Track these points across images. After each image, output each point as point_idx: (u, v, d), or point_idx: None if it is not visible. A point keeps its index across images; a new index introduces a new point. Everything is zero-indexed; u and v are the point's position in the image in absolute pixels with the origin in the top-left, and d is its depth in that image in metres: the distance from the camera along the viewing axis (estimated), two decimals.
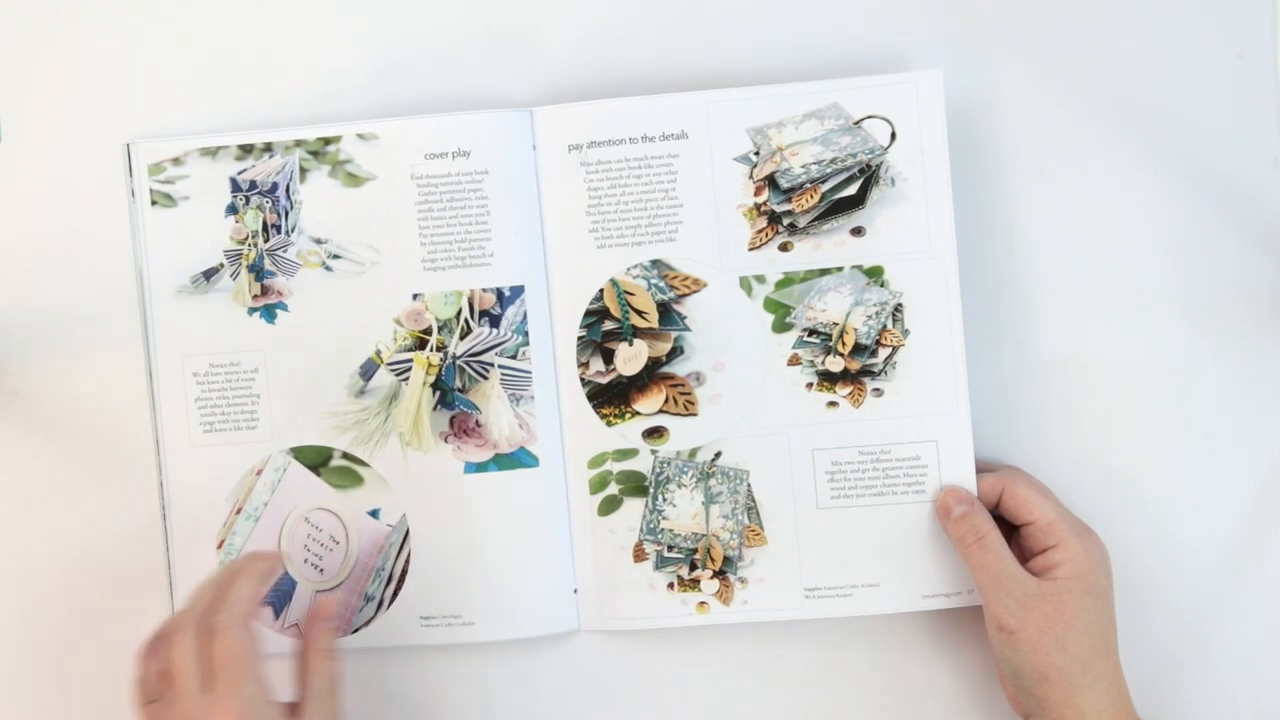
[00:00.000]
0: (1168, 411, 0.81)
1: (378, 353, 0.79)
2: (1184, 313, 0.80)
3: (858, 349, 0.78)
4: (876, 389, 0.78)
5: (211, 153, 0.80)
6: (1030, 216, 0.80)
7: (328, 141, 0.79)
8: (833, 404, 0.78)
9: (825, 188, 0.78)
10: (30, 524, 0.81)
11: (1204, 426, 0.81)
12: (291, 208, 0.79)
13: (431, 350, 0.79)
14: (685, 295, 0.79)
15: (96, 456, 0.81)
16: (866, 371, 0.78)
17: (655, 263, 0.79)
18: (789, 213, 0.78)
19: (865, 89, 0.78)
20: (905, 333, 0.78)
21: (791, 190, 0.78)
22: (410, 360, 0.79)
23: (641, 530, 0.79)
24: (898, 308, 0.78)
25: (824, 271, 0.78)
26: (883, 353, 0.78)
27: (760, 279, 0.78)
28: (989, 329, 0.80)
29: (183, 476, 0.80)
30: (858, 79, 0.78)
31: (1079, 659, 0.73)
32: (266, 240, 0.80)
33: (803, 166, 0.78)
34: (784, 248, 0.78)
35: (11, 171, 0.81)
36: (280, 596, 0.80)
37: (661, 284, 0.79)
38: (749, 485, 0.79)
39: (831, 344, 0.78)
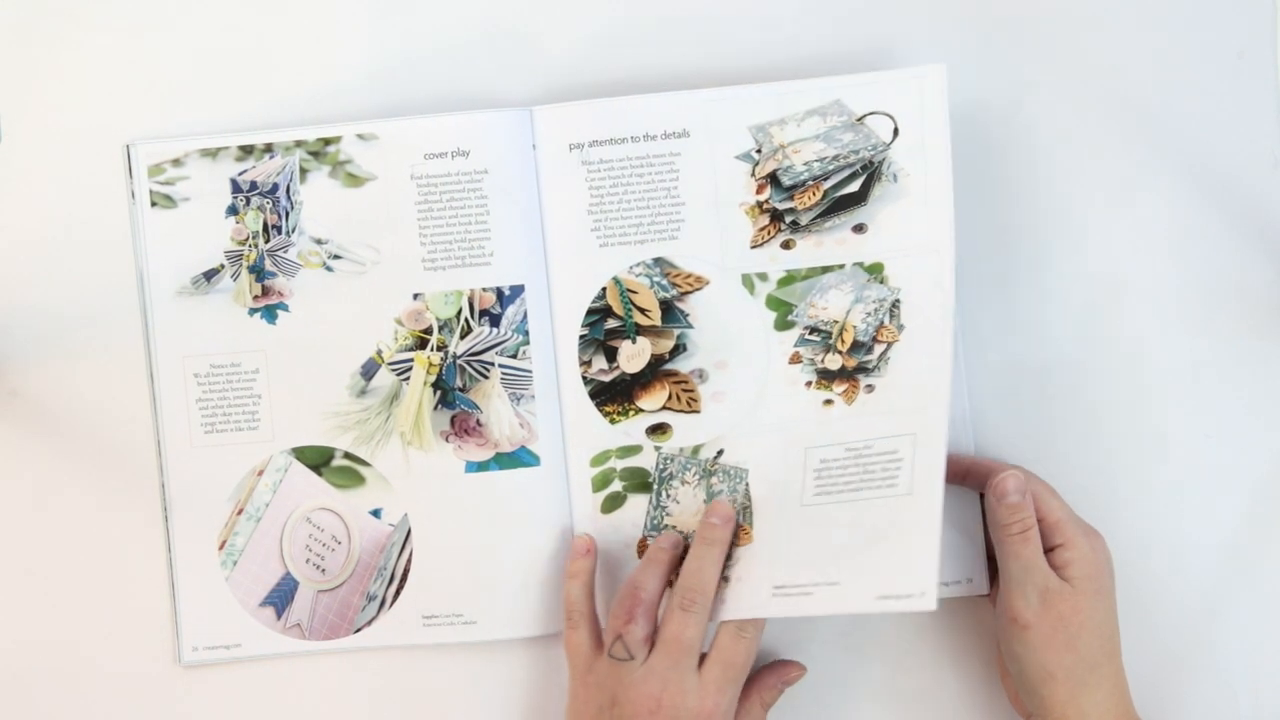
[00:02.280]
0: (1168, 411, 0.81)
1: (379, 352, 0.79)
2: (1184, 313, 0.81)
3: (855, 346, 0.78)
4: (869, 385, 0.77)
5: (212, 154, 0.79)
6: (1031, 215, 0.80)
7: (328, 142, 0.79)
8: (828, 402, 0.78)
9: (827, 185, 0.78)
10: (30, 524, 0.80)
11: (1204, 426, 0.81)
12: (292, 208, 0.79)
13: (432, 350, 0.79)
14: (687, 293, 0.79)
15: (97, 457, 0.80)
16: (861, 368, 0.78)
17: (658, 261, 0.79)
18: (791, 210, 0.78)
19: (868, 85, 0.77)
20: (900, 328, 0.77)
21: (794, 188, 0.78)
22: (411, 360, 0.79)
23: (645, 526, 0.79)
24: (895, 304, 0.77)
25: (826, 269, 0.78)
26: (878, 349, 0.77)
27: (762, 277, 0.78)
28: (989, 327, 0.80)
29: (184, 477, 0.80)
30: (860, 75, 0.78)
31: (1086, 659, 0.73)
32: (267, 241, 0.79)
33: (805, 164, 0.78)
34: (786, 245, 0.78)
35: (11, 171, 0.80)
36: (282, 597, 0.79)
37: (664, 282, 0.79)
38: (747, 484, 0.78)
39: (831, 342, 0.78)
